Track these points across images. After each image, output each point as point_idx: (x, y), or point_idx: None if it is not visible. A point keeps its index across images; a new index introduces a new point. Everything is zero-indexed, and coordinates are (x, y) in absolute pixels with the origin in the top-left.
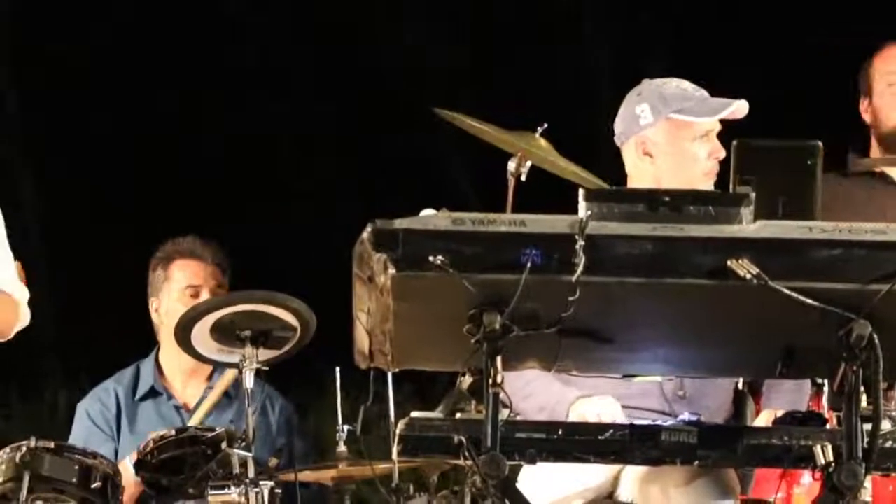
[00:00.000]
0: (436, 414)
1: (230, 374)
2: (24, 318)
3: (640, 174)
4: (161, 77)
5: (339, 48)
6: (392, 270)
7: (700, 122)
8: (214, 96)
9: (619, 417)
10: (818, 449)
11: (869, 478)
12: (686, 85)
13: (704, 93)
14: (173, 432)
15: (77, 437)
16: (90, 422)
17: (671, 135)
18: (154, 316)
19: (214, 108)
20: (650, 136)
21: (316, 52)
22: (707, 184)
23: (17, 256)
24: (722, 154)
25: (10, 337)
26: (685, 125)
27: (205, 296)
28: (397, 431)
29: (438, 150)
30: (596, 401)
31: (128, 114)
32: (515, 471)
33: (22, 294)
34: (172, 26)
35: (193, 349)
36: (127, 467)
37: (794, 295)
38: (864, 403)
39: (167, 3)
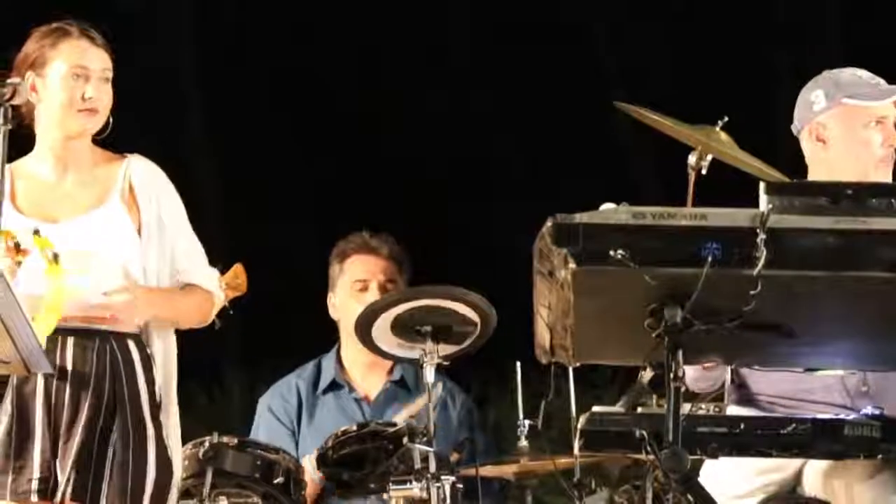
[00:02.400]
0: (617, 408)
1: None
2: (218, 304)
3: (816, 162)
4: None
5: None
6: (573, 265)
7: (872, 105)
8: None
9: None
10: None
11: None
12: (862, 72)
13: (882, 81)
14: (354, 428)
15: (259, 432)
16: (272, 416)
17: (844, 120)
18: (332, 310)
19: (394, 106)
20: (823, 122)
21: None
22: (883, 172)
23: None
24: None
25: (207, 323)
26: (858, 110)
27: (373, 290)
28: (579, 426)
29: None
30: None
31: (308, 114)
32: (697, 465)
33: (214, 283)
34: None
35: (374, 344)
36: (308, 463)
37: None
38: None
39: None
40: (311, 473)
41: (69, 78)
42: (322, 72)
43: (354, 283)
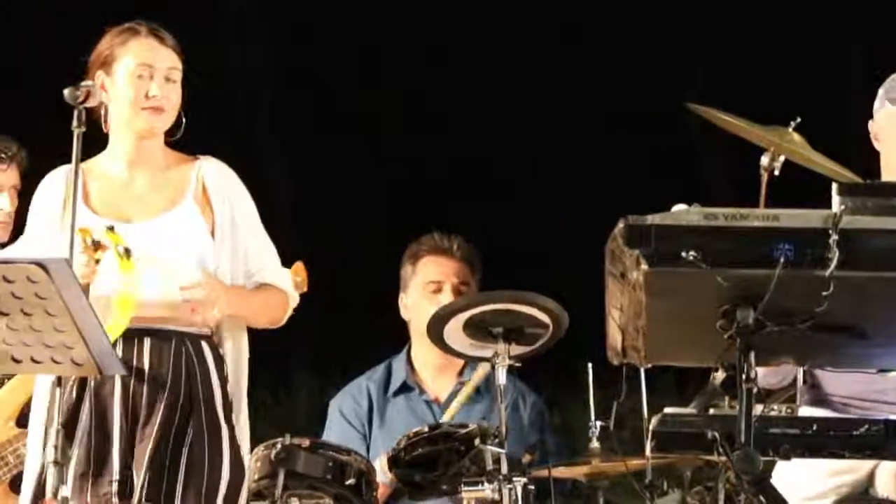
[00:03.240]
0: (689, 409)
1: (482, 369)
2: (292, 304)
3: (881, 159)
4: (402, 76)
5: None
6: (644, 266)
7: None
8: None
9: None
10: None
11: None
12: None
13: None
14: (426, 429)
15: (330, 434)
16: (342, 419)
17: (889, 120)
18: (403, 311)
19: (461, 105)
20: (877, 121)
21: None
22: None
23: None
24: None
25: (282, 324)
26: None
27: (447, 292)
28: (650, 427)
29: (690, 146)
30: None
31: (377, 113)
32: (769, 466)
33: (288, 283)
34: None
35: (446, 345)
36: (380, 465)
37: None
38: None
39: None
40: (382, 476)
41: (134, 76)
42: (392, 72)
43: (427, 284)
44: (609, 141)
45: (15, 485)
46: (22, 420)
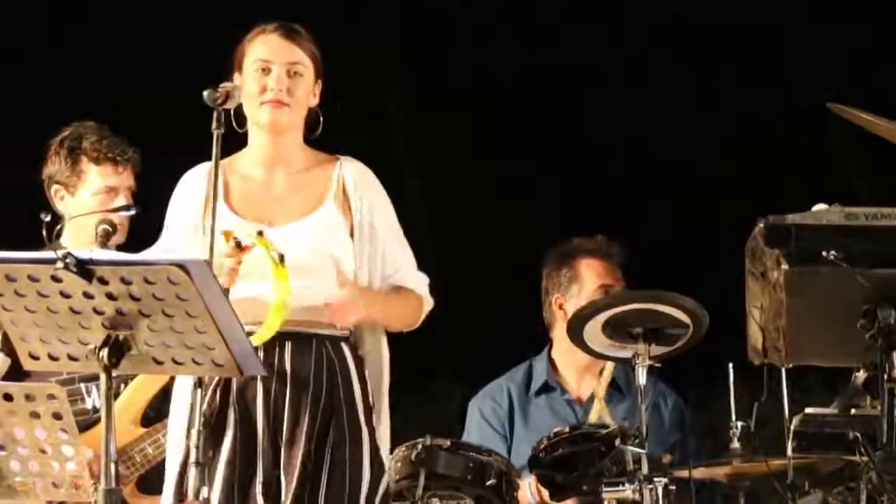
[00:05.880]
0: (830, 410)
1: (611, 364)
2: (427, 308)
3: None
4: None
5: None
6: (785, 266)
7: None
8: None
9: None
10: None
11: None
12: None
13: None
14: (566, 430)
15: (471, 435)
16: (482, 420)
17: None
18: (557, 313)
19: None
20: None
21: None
22: None
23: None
24: None
25: (416, 326)
26: None
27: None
28: (792, 427)
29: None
30: None
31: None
32: None
33: (424, 286)
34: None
35: (585, 344)
36: (528, 488)
37: None
38: None
39: None
40: (530, 498)
41: (254, 70)
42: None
43: (598, 288)
44: (746, 141)
45: (141, 484)
46: (145, 420)
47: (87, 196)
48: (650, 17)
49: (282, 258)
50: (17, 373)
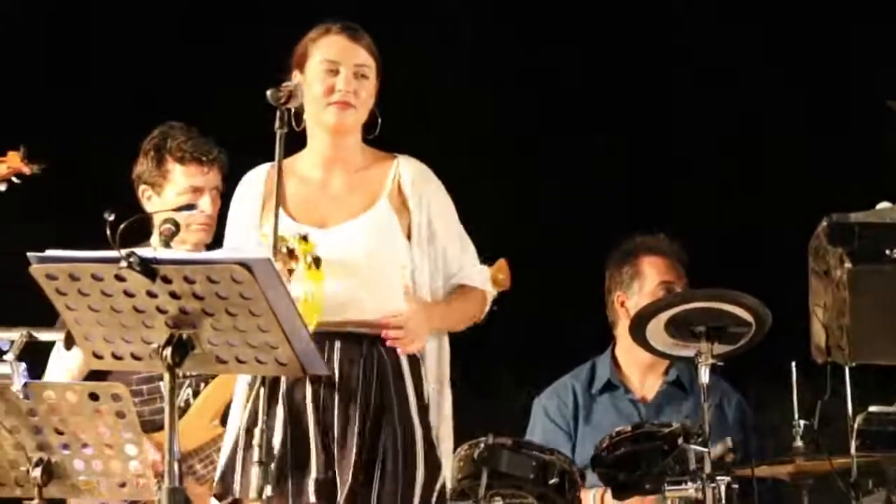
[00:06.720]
0: (894, 408)
1: None
2: (490, 301)
3: None
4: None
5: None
6: (848, 264)
7: None
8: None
9: None
10: None
11: None
12: None
13: None
14: (629, 429)
15: (534, 434)
16: (547, 418)
17: None
18: (619, 311)
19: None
20: None
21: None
22: None
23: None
24: None
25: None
26: None
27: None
28: (855, 426)
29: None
30: None
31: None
32: None
33: (487, 281)
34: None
35: (648, 343)
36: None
37: None
38: None
39: None
40: None
41: (322, 72)
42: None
43: (659, 284)
44: (812, 140)
45: None
46: (225, 419)
47: (173, 196)
48: None
49: (317, 262)
50: (98, 372)
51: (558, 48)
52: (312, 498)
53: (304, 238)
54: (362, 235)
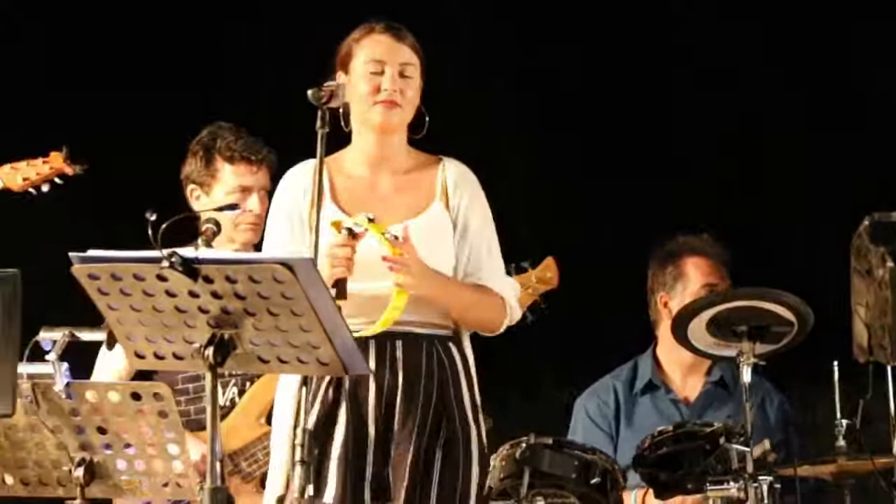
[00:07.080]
0: None
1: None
2: (512, 314)
3: None
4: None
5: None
6: (890, 263)
7: None
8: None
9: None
10: None
11: None
12: None
13: None
14: (670, 429)
15: (575, 433)
16: (588, 418)
17: None
18: (662, 311)
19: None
20: None
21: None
22: None
23: (507, 256)
24: None
25: (499, 331)
26: None
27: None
28: None
29: None
30: None
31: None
32: None
33: (510, 291)
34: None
35: (689, 342)
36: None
37: None
38: None
39: None
40: None
41: (367, 71)
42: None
43: (702, 287)
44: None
45: (265, 482)
46: (271, 418)
47: (222, 195)
48: None
49: (396, 238)
50: (144, 371)
51: (558, 48)
52: (368, 496)
53: (372, 220)
54: (422, 236)
